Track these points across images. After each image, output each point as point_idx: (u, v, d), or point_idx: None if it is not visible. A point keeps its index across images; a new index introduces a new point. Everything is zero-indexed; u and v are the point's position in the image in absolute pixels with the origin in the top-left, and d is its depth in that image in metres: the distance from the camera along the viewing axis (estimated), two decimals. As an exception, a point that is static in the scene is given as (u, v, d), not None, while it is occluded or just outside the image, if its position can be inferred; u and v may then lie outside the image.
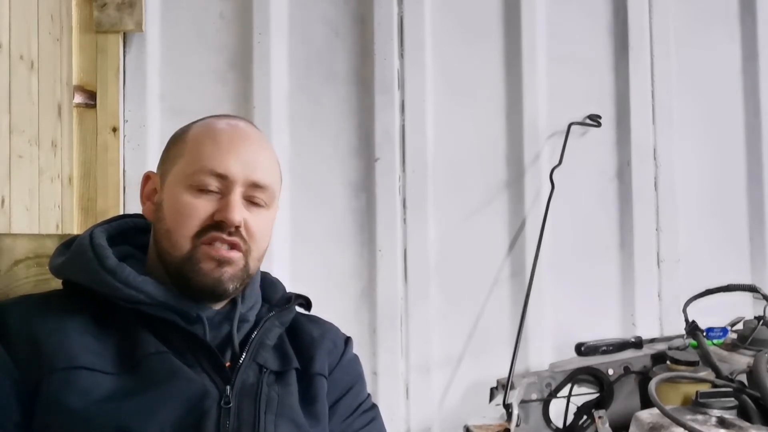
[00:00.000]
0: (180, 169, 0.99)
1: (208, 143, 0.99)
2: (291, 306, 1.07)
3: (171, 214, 0.98)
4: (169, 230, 0.98)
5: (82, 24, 1.76)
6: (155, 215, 1.01)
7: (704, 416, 1.27)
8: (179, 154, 1.01)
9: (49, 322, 0.94)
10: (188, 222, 0.97)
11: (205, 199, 0.98)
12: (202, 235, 0.97)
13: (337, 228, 1.84)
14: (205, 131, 1.02)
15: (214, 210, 0.97)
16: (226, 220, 0.96)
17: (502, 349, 1.78)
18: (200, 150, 0.99)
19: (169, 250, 0.98)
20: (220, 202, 0.98)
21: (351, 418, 1.08)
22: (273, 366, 1.00)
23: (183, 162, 1.00)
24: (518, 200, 1.87)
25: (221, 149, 0.99)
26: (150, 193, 1.04)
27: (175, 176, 1.00)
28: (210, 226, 0.97)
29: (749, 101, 1.95)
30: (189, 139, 1.02)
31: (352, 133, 1.86)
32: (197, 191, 0.98)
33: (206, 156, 0.98)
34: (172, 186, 0.99)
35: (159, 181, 1.03)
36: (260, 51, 1.82)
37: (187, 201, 0.97)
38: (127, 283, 0.95)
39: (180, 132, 1.05)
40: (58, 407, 0.88)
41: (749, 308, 1.74)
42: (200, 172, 0.97)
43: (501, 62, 1.90)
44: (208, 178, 0.97)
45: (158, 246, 1.00)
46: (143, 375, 0.92)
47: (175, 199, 0.98)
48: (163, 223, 0.99)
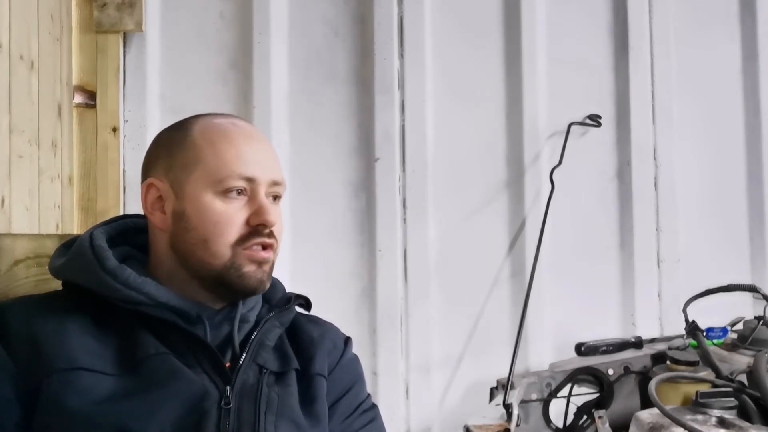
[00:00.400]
0: (202, 176, 0.97)
1: (226, 147, 0.98)
2: (291, 306, 1.07)
3: (204, 223, 0.97)
4: (205, 240, 0.97)
5: (82, 24, 1.76)
6: (176, 225, 0.99)
7: (704, 416, 1.27)
8: (194, 160, 0.98)
9: (49, 322, 0.94)
10: (227, 230, 0.97)
11: (236, 204, 0.98)
12: (243, 241, 0.97)
13: (337, 228, 1.84)
14: (217, 135, 1.00)
15: (248, 214, 0.98)
16: (266, 224, 0.98)
17: (502, 349, 1.78)
18: (221, 155, 0.98)
19: (205, 258, 0.97)
20: (250, 206, 0.98)
21: (351, 418, 1.07)
22: (273, 367, 1.00)
23: (203, 168, 0.98)
24: (518, 200, 1.87)
25: (242, 152, 0.98)
26: (155, 201, 1.01)
27: (198, 184, 0.98)
28: (249, 233, 0.98)
29: (749, 101, 1.95)
30: (198, 143, 0.99)
31: (352, 133, 1.86)
32: (227, 197, 0.97)
33: (229, 160, 0.97)
34: (195, 193, 0.97)
35: (170, 189, 1.00)
36: (260, 51, 1.82)
37: (220, 208, 0.97)
38: (127, 284, 0.95)
39: (179, 136, 1.02)
40: (58, 408, 0.88)
41: (749, 308, 1.74)
42: (229, 178, 0.97)
43: (501, 62, 1.90)
44: (237, 182, 0.97)
45: (187, 255, 0.98)
46: (143, 376, 0.92)
47: (204, 207, 0.97)
48: (193, 233, 0.97)
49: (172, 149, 1.01)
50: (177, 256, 1.00)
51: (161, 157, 1.02)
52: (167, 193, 1.00)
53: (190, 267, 0.99)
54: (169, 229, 1.00)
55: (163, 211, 1.00)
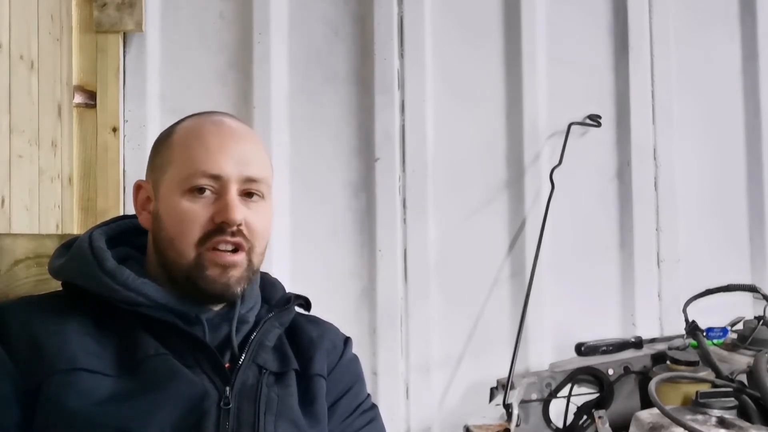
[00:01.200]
0: (172, 176, 0.98)
1: (195, 145, 0.98)
2: (290, 306, 1.07)
3: (171, 223, 0.97)
4: (171, 239, 0.97)
5: (82, 24, 1.76)
6: (154, 225, 1.01)
7: (704, 416, 1.27)
8: (168, 160, 1.00)
9: (49, 323, 0.94)
10: (190, 229, 0.96)
11: (202, 202, 0.97)
12: (206, 240, 0.96)
13: (337, 228, 1.84)
14: (191, 133, 1.00)
15: (213, 213, 0.96)
16: (227, 221, 0.95)
17: (502, 349, 1.78)
18: (189, 153, 0.98)
19: (174, 258, 0.97)
20: (217, 204, 0.96)
21: (350, 418, 1.08)
22: (272, 367, 1.00)
23: (173, 168, 0.98)
24: (518, 200, 1.87)
25: (210, 149, 0.97)
26: (144, 202, 1.03)
27: (168, 184, 0.98)
28: (212, 230, 0.96)
29: (749, 101, 1.95)
30: (175, 143, 1.00)
31: (352, 133, 1.86)
32: (193, 196, 0.96)
33: (196, 159, 0.97)
34: (166, 194, 0.98)
35: (152, 190, 1.02)
36: (260, 51, 1.82)
37: (185, 207, 0.96)
38: (126, 285, 0.95)
39: (164, 136, 1.04)
40: (58, 409, 0.88)
41: (749, 308, 1.74)
42: (193, 176, 0.96)
43: (501, 62, 1.90)
44: (201, 180, 0.96)
45: (162, 255, 0.99)
46: (143, 377, 0.92)
47: (172, 207, 0.97)
48: (164, 233, 0.98)
49: (156, 151, 1.03)
50: (157, 257, 1.01)
51: (150, 159, 1.05)
52: (150, 193, 1.02)
53: (165, 267, 0.99)
54: (151, 229, 1.02)
55: (149, 210, 1.02)
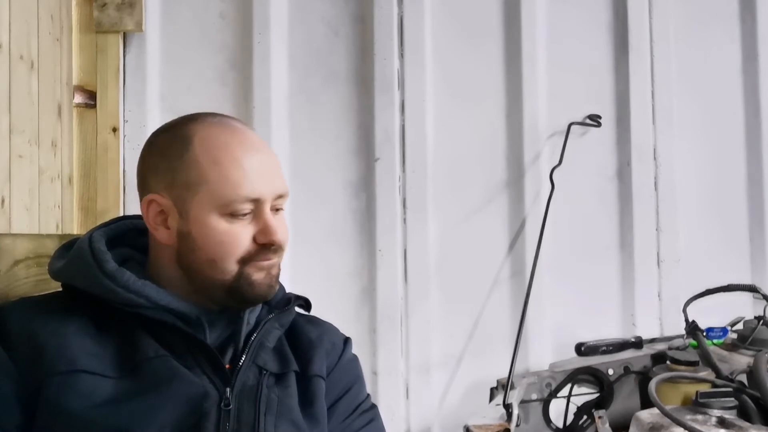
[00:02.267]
0: (206, 198, 0.96)
1: (230, 166, 0.96)
2: (291, 308, 1.07)
3: (208, 244, 0.97)
4: (212, 260, 0.97)
5: (82, 24, 1.76)
6: (182, 244, 0.98)
7: (704, 416, 1.27)
8: (198, 180, 0.96)
9: (49, 324, 0.94)
10: (233, 250, 0.97)
11: (242, 223, 0.97)
12: (249, 260, 0.98)
13: (337, 228, 1.84)
14: (220, 151, 0.97)
15: (254, 233, 0.98)
16: (273, 243, 0.98)
17: (502, 349, 1.78)
18: (226, 176, 0.96)
19: (214, 276, 0.98)
20: (255, 224, 0.98)
21: (350, 418, 1.08)
22: (273, 368, 1.00)
23: (207, 190, 0.96)
24: (518, 200, 1.87)
25: (247, 172, 0.97)
26: (157, 216, 1.00)
27: (202, 205, 0.96)
28: (256, 250, 0.98)
29: (749, 101, 1.95)
30: (201, 160, 0.96)
31: (352, 133, 1.86)
32: (232, 218, 0.97)
33: (235, 183, 0.96)
34: (200, 215, 0.96)
35: (173, 207, 0.98)
36: (260, 51, 1.82)
37: (226, 229, 0.97)
38: (126, 287, 0.95)
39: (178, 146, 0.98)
40: (58, 410, 0.88)
41: (749, 308, 1.74)
42: (234, 202, 0.96)
43: (501, 62, 1.90)
44: (243, 205, 0.97)
45: (194, 272, 0.98)
46: (143, 378, 0.92)
47: (209, 229, 0.96)
48: (200, 253, 0.97)
49: (173, 163, 0.98)
50: (183, 271, 1.00)
51: (160, 170, 0.99)
52: (170, 210, 0.99)
53: (197, 282, 0.99)
54: (174, 245, 0.99)
55: (166, 226, 0.99)
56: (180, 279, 1.00)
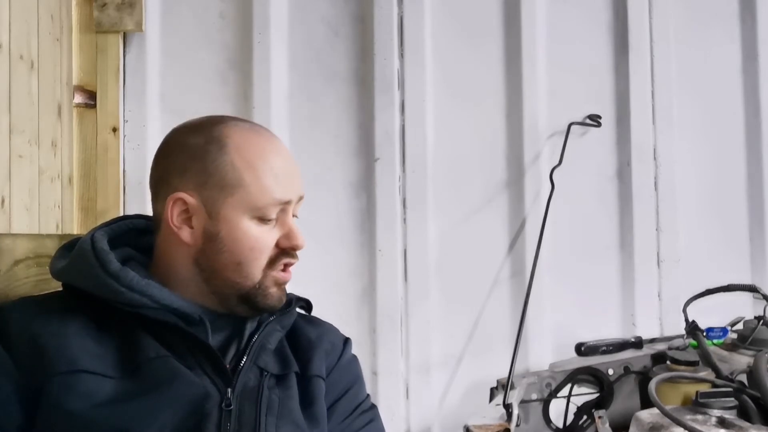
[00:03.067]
0: (240, 200, 0.97)
1: (265, 171, 0.99)
2: (292, 309, 1.07)
3: (238, 247, 0.98)
4: (239, 263, 0.98)
5: (82, 24, 1.76)
6: (207, 245, 0.99)
7: (704, 416, 1.27)
8: (234, 182, 0.97)
9: (50, 324, 0.94)
10: (260, 254, 0.99)
11: (269, 227, 1.00)
12: (274, 263, 1.01)
13: (337, 228, 1.84)
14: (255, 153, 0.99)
15: (279, 238, 1.01)
16: (296, 247, 1.02)
17: (502, 349, 1.78)
18: (262, 180, 0.98)
19: (237, 279, 0.99)
20: (279, 228, 1.01)
21: (350, 418, 1.08)
22: (274, 369, 1.00)
23: (243, 192, 0.97)
24: (518, 200, 1.87)
25: (278, 176, 1.00)
26: (181, 215, 0.99)
27: (235, 207, 0.98)
28: (278, 254, 1.01)
29: (749, 101, 1.94)
30: (238, 164, 0.98)
31: (352, 133, 1.86)
32: (262, 222, 0.99)
33: (270, 187, 0.99)
34: (232, 217, 0.98)
35: (201, 207, 0.98)
36: (260, 51, 1.82)
37: (257, 233, 0.99)
38: (130, 287, 0.95)
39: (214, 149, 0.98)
40: (59, 410, 0.88)
41: (749, 308, 1.74)
42: (269, 206, 0.99)
43: (501, 62, 1.90)
44: (275, 209, 1.00)
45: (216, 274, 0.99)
46: (144, 378, 0.92)
47: (241, 231, 0.98)
48: (227, 255, 0.98)
49: (208, 165, 0.98)
50: (200, 271, 1.00)
51: (191, 170, 0.99)
52: (198, 210, 0.98)
53: (214, 284, 1.00)
54: (197, 245, 0.99)
55: (190, 225, 0.99)
56: (191, 280, 1.00)
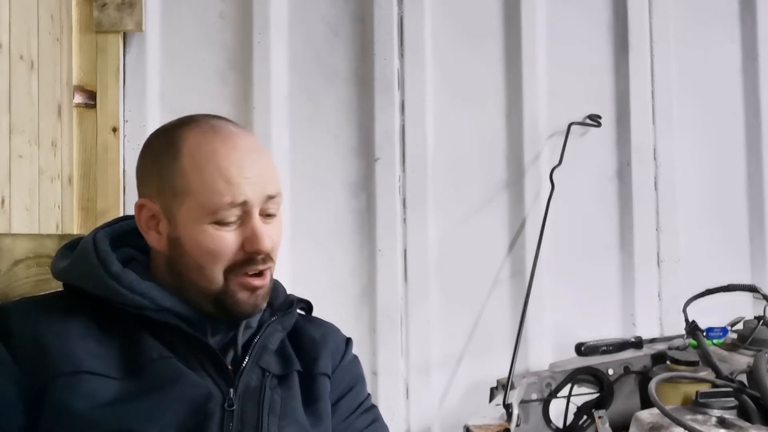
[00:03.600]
0: (192, 206, 0.95)
1: (215, 175, 0.94)
2: (293, 310, 1.07)
3: (197, 251, 0.96)
4: (200, 267, 0.96)
5: (82, 24, 1.76)
6: (172, 250, 0.98)
7: (704, 416, 1.27)
8: (184, 189, 0.95)
9: (52, 325, 0.93)
10: (220, 258, 0.96)
11: (230, 229, 0.96)
12: (237, 268, 0.96)
13: (337, 228, 1.84)
14: (205, 158, 0.95)
15: (242, 240, 0.96)
16: (258, 252, 0.96)
17: (502, 349, 1.78)
18: (211, 186, 0.94)
19: (201, 283, 0.97)
20: (244, 230, 0.96)
21: (351, 418, 1.08)
22: (275, 370, 1.00)
23: (193, 198, 0.95)
24: (518, 200, 1.87)
25: (232, 179, 0.95)
26: (149, 220, 0.99)
27: (190, 213, 0.95)
28: (243, 259, 0.96)
29: (749, 101, 1.95)
30: (188, 169, 0.95)
31: (352, 133, 1.86)
32: (219, 225, 0.95)
33: (220, 191, 0.94)
34: (188, 222, 0.96)
35: (161, 212, 0.98)
36: (260, 51, 1.82)
37: (213, 236, 0.95)
38: (131, 288, 0.95)
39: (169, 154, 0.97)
40: (62, 411, 0.88)
41: (749, 308, 1.74)
42: (219, 210, 0.94)
43: (501, 62, 1.90)
44: (228, 212, 0.95)
45: (184, 278, 0.98)
46: (147, 379, 0.92)
47: (197, 235, 0.95)
48: (188, 259, 0.97)
49: (162, 170, 0.98)
50: (175, 276, 0.99)
51: (152, 176, 1.00)
52: (160, 215, 0.99)
53: (186, 288, 0.98)
54: (165, 250, 0.99)
55: (158, 230, 0.99)
56: (174, 283, 0.99)
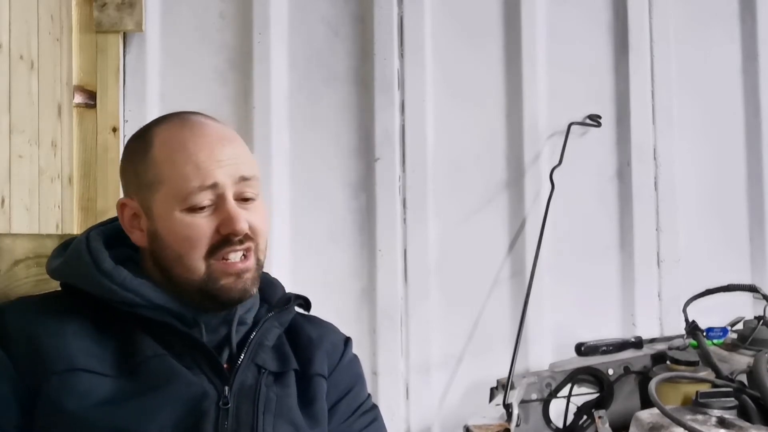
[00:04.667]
0: (164, 196, 0.96)
1: (182, 161, 0.95)
2: (290, 306, 1.07)
3: (174, 240, 0.96)
4: (179, 256, 0.96)
5: (82, 24, 1.76)
6: (153, 244, 0.98)
7: (704, 416, 1.26)
8: (156, 180, 0.96)
9: (48, 324, 0.94)
10: (196, 244, 0.96)
11: (204, 214, 0.96)
12: (215, 252, 0.96)
13: (337, 228, 1.84)
14: (173, 147, 0.97)
15: (217, 223, 0.96)
16: (234, 232, 0.95)
17: (502, 349, 1.78)
18: (179, 172, 0.95)
19: (184, 274, 0.97)
20: (219, 214, 0.96)
21: (351, 419, 1.07)
22: (272, 367, 1.00)
23: (164, 188, 0.96)
24: (518, 200, 1.87)
25: (200, 163, 0.95)
26: (131, 219, 1.00)
27: (163, 204, 0.96)
28: (220, 242, 0.96)
29: (749, 101, 1.95)
30: (158, 160, 0.97)
31: (352, 133, 1.86)
32: (192, 211, 0.96)
33: (189, 176, 0.95)
34: (163, 214, 0.96)
35: (140, 208, 0.99)
36: (260, 51, 1.82)
37: (188, 223, 0.95)
38: (123, 286, 0.95)
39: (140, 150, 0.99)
40: (57, 410, 0.88)
41: (749, 308, 1.74)
42: (190, 195, 0.95)
43: (501, 62, 1.90)
44: (198, 197, 0.95)
45: (168, 271, 0.98)
46: (142, 377, 0.92)
47: (173, 225, 0.96)
48: (168, 251, 0.97)
49: (138, 167, 0.99)
50: (161, 271, 0.99)
51: (129, 174, 1.02)
52: (140, 212, 0.99)
53: (173, 282, 0.98)
54: (148, 247, 1.00)
55: (140, 228, 1.00)
56: (162, 279, 0.99)
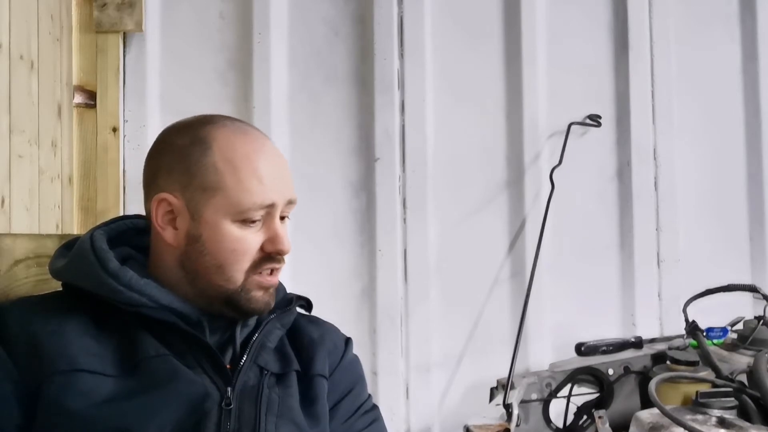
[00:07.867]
0: (221, 203, 0.96)
1: (248, 174, 0.97)
2: (292, 308, 1.07)
3: (219, 249, 0.97)
4: (220, 266, 0.97)
5: (82, 24, 1.76)
6: (190, 247, 0.98)
7: (704, 416, 1.27)
8: (215, 185, 0.96)
9: (49, 323, 0.93)
10: (243, 258, 0.98)
11: (253, 230, 0.98)
12: (256, 267, 0.99)
13: (337, 228, 1.85)
14: (239, 156, 0.97)
15: (263, 240, 0.99)
16: (280, 252, 0.99)
17: (502, 349, 1.78)
18: (244, 184, 0.96)
19: (219, 282, 0.98)
20: (266, 231, 0.99)
21: (352, 419, 1.08)
22: (274, 368, 1.00)
23: (223, 195, 0.96)
24: (518, 200, 1.87)
25: (263, 180, 0.97)
26: (165, 215, 0.99)
27: (217, 210, 0.96)
28: (263, 258, 0.99)
29: (749, 101, 1.95)
30: (220, 166, 0.97)
31: (352, 133, 1.86)
32: (245, 225, 0.97)
33: (252, 191, 0.96)
34: (214, 219, 0.96)
35: (184, 208, 0.98)
36: (260, 51, 1.82)
37: (238, 236, 0.97)
38: (129, 286, 0.95)
39: (198, 150, 0.98)
40: (59, 409, 0.88)
41: (749, 308, 1.74)
42: (250, 210, 0.97)
43: (501, 62, 1.90)
44: (257, 212, 0.97)
45: (199, 277, 0.98)
46: (144, 377, 0.92)
47: (222, 234, 0.97)
48: (208, 258, 0.97)
49: (191, 167, 0.98)
50: (186, 273, 0.99)
51: (176, 171, 0.99)
52: (181, 211, 0.98)
53: (199, 286, 0.99)
54: (180, 247, 0.99)
55: (174, 227, 0.99)
56: (181, 281, 0.99)
